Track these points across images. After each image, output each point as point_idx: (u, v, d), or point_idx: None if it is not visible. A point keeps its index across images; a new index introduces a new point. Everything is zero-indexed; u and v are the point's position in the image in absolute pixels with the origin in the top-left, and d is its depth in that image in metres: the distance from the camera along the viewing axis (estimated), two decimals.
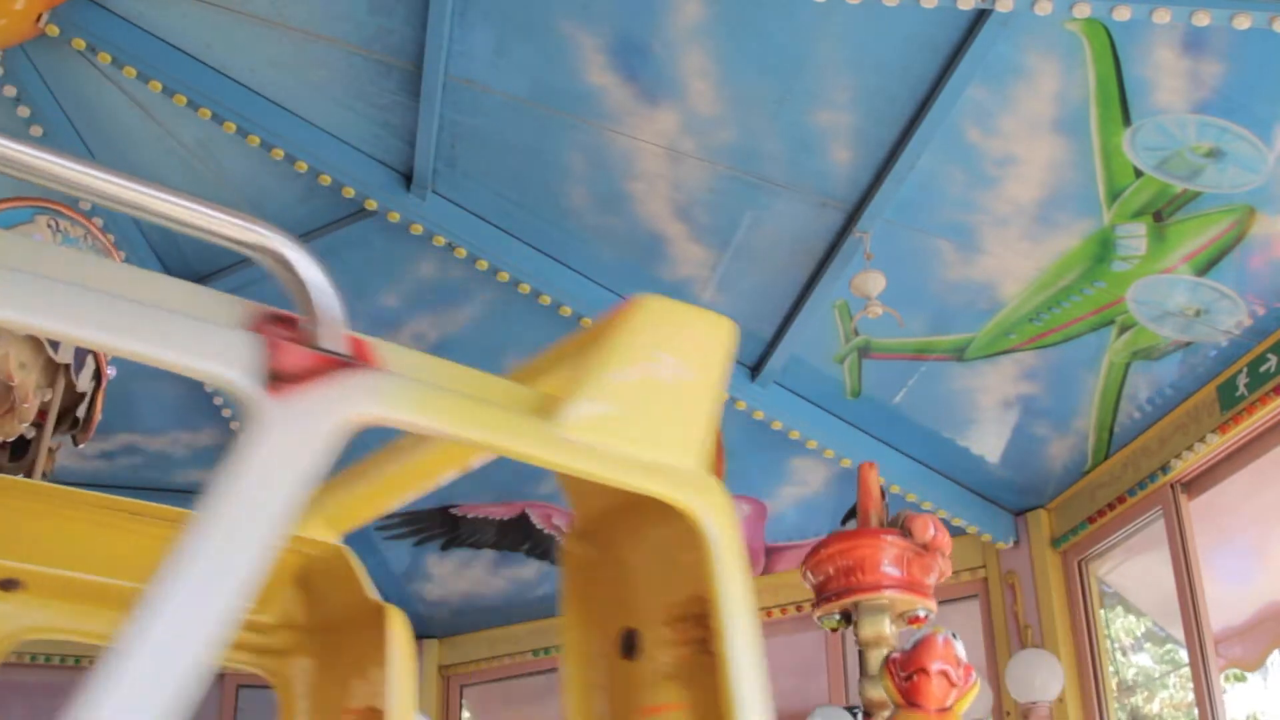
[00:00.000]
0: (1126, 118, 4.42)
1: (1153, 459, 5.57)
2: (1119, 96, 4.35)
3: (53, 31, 4.64)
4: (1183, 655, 5.57)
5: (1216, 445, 5.21)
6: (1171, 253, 4.87)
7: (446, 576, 7.68)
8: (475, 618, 7.85)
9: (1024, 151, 4.65)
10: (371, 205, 5.31)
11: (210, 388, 6.44)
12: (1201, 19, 3.92)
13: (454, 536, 7.42)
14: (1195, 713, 5.32)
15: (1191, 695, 5.47)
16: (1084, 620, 6.14)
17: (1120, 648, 6.48)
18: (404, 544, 7.50)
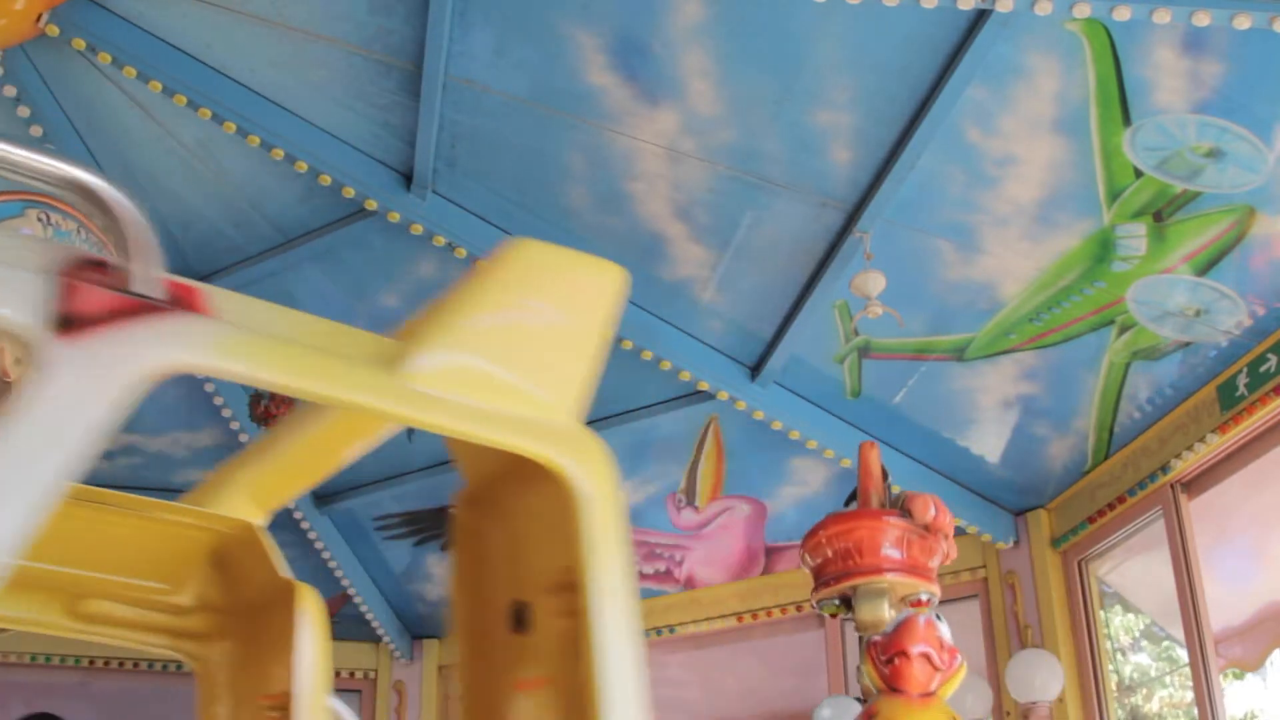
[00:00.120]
0: (1126, 118, 4.42)
1: (1153, 459, 5.57)
2: (1119, 96, 4.34)
3: (53, 31, 4.64)
4: (1181, 654, 5.57)
5: (1216, 445, 5.21)
6: (1171, 253, 4.87)
7: (446, 576, 7.67)
8: None
9: (1024, 151, 4.65)
10: (371, 205, 5.31)
11: (210, 388, 6.43)
12: (1201, 19, 3.92)
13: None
14: (1195, 712, 5.32)
15: (1189, 694, 5.47)
16: (1084, 620, 6.14)
17: (1120, 648, 6.47)
18: (404, 544, 7.50)
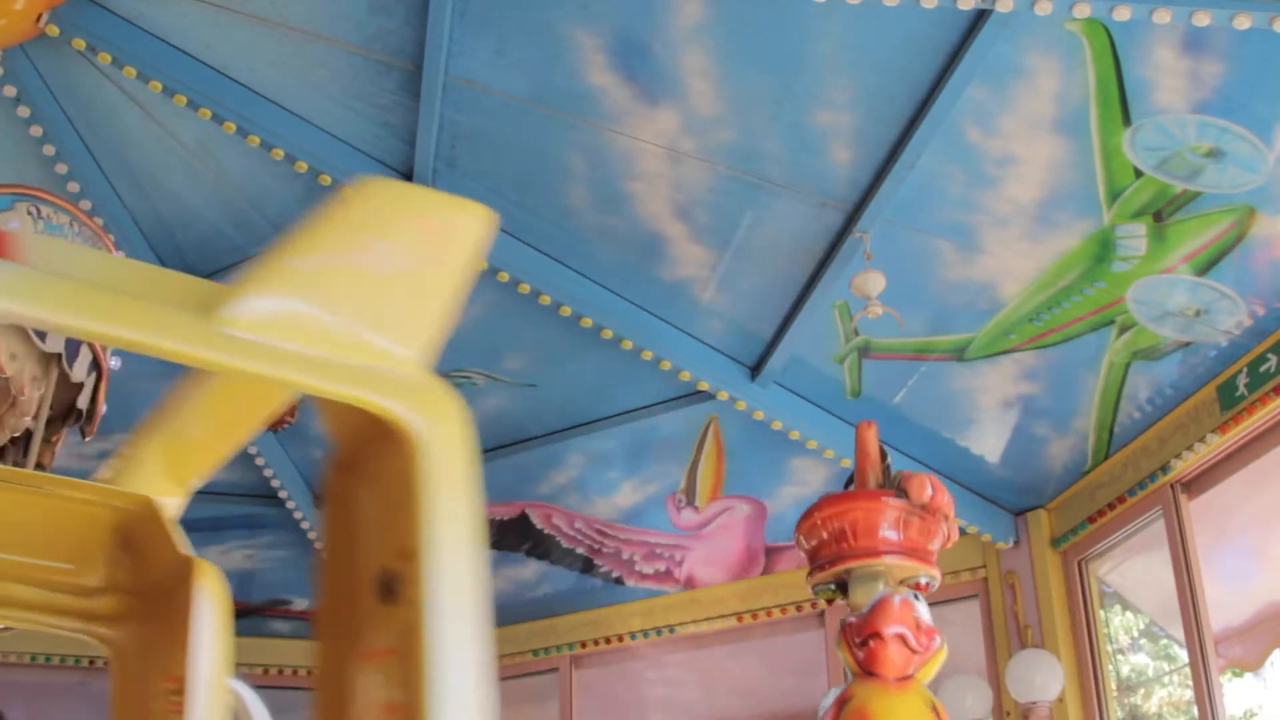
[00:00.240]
0: (1126, 118, 4.42)
1: (1153, 459, 5.57)
2: (1119, 96, 4.35)
3: (53, 31, 4.64)
4: (1179, 653, 5.57)
5: (1216, 445, 5.21)
6: (1171, 253, 4.87)
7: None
8: None
9: (1024, 151, 4.65)
10: None
11: None
12: (1201, 19, 3.92)
13: None
14: (1194, 711, 5.32)
15: (1189, 693, 5.47)
16: (1084, 620, 6.14)
17: (1119, 648, 6.47)
18: None
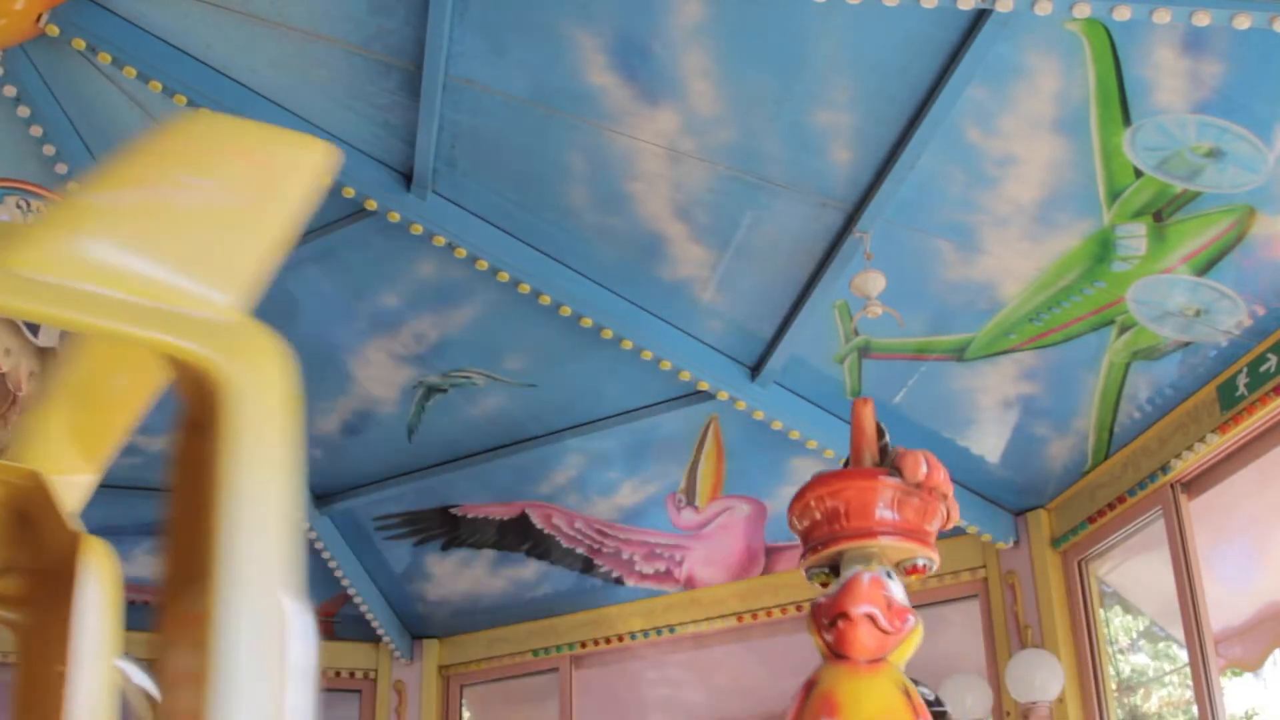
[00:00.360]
0: (1126, 118, 4.42)
1: (1153, 459, 5.57)
2: (1119, 96, 4.34)
3: (53, 31, 4.64)
4: (1179, 653, 5.57)
5: (1216, 445, 5.21)
6: (1171, 253, 4.87)
7: (446, 576, 7.67)
8: (475, 618, 7.85)
9: (1024, 151, 4.65)
10: (371, 205, 5.31)
11: None
12: (1201, 19, 3.92)
13: (454, 536, 7.41)
14: (1194, 711, 5.32)
15: (1188, 693, 5.47)
16: (1084, 620, 6.14)
17: (1119, 649, 6.47)
18: (404, 544, 7.50)
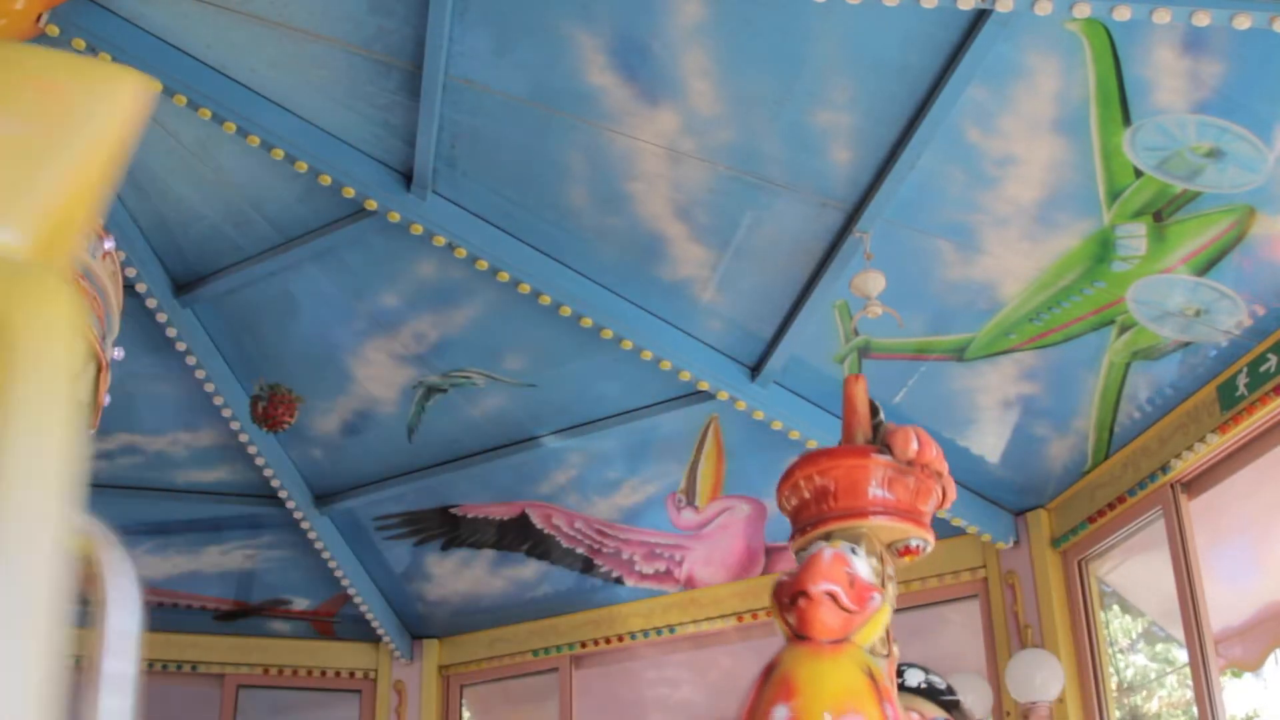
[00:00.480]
0: (1126, 118, 4.42)
1: (1153, 459, 5.57)
2: (1119, 96, 4.34)
3: (53, 31, 4.63)
4: (1178, 654, 5.57)
5: (1216, 445, 5.21)
6: (1171, 253, 4.87)
7: (446, 576, 7.68)
8: (475, 618, 7.85)
9: (1024, 151, 4.65)
10: (371, 205, 5.31)
11: (210, 387, 6.43)
12: (1201, 19, 3.92)
13: (454, 536, 7.41)
14: (1194, 711, 5.32)
15: (1188, 694, 5.47)
16: (1084, 620, 6.14)
17: (1119, 649, 6.47)
18: (404, 544, 7.50)
